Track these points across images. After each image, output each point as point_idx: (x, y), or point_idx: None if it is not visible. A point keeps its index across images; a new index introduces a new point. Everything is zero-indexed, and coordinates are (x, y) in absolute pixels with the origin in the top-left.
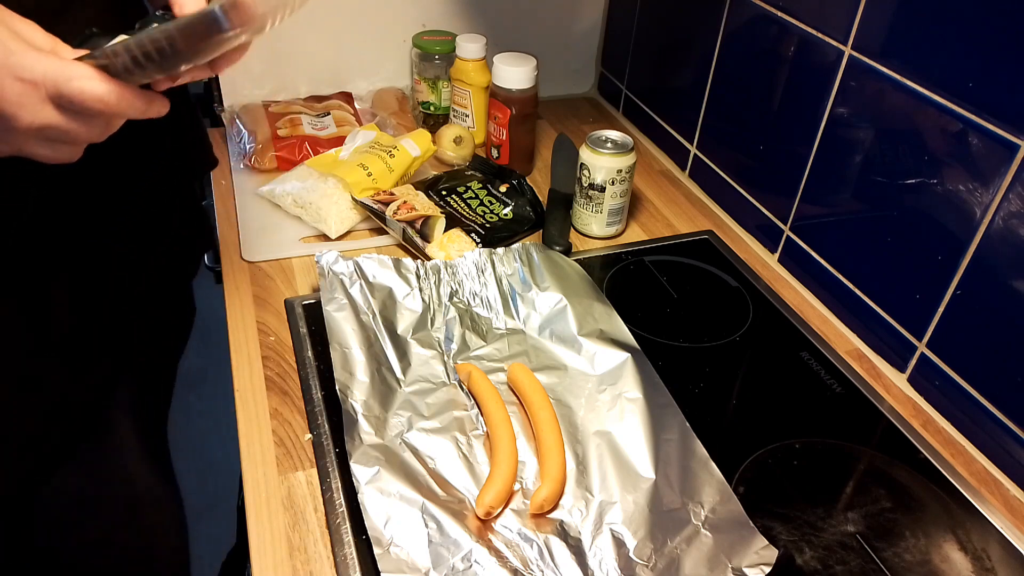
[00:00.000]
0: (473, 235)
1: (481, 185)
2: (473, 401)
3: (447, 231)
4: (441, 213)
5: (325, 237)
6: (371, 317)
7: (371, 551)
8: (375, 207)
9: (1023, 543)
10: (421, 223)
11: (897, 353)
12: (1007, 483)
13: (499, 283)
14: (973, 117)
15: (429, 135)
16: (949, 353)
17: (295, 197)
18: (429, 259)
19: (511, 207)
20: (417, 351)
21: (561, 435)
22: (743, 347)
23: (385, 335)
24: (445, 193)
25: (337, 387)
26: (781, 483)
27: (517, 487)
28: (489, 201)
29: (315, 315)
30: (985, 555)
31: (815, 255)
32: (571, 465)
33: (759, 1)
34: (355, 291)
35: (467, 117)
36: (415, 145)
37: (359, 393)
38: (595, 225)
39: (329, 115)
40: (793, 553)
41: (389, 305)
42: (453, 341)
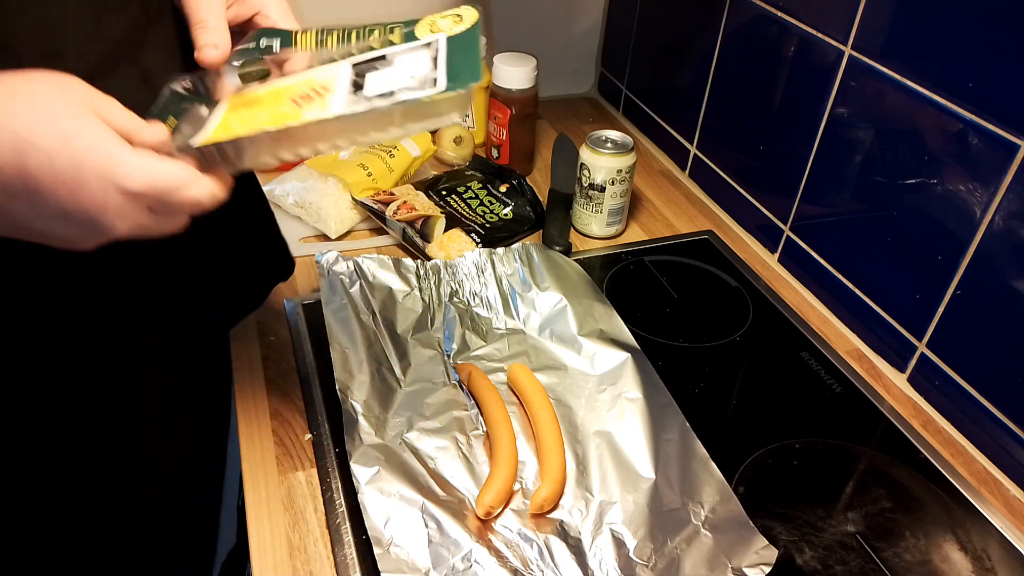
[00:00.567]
0: (473, 235)
1: (481, 185)
2: (473, 401)
3: (447, 231)
4: (441, 213)
5: (325, 237)
6: (371, 317)
7: (371, 551)
8: (375, 207)
9: (1023, 543)
10: (421, 223)
11: (897, 353)
12: (1007, 483)
13: (499, 283)
14: (973, 117)
15: (429, 135)
16: (949, 353)
17: (295, 197)
18: (429, 259)
19: (511, 207)
20: (417, 351)
21: (561, 435)
22: (743, 347)
23: (385, 335)
24: (445, 193)
25: (337, 387)
26: (781, 483)
27: (517, 487)
28: (489, 201)
29: (315, 315)
30: (985, 555)
31: (815, 255)
32: (571, 465)
33: (759, 1)
34: (355, 291)
35: (467, 117)
36: (415, 145)
37: (359, 393)
38: (595, 225)
39: None
40: (793, 553)
41: (389, 305)
42: (453, 341)
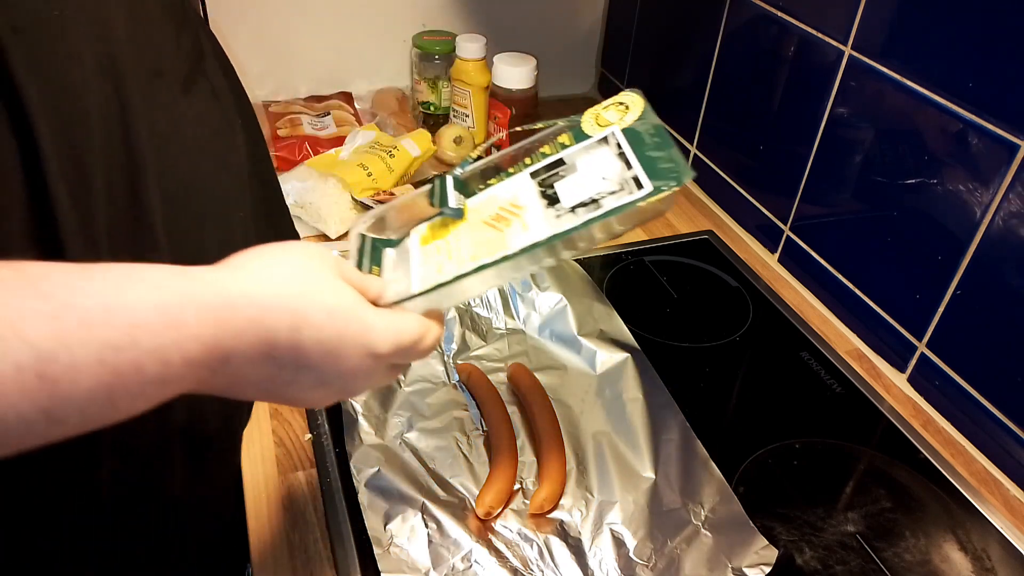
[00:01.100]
0: None
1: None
2: (473, 401)
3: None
4: None
5: (325, 237)
6: None
7: (371, 551)
8: (375, 207)
9: (1023, 543)
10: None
11: (897, 353)
12: (1007, 483)
13: None
14: (973, 117)
15: (429, 135)
16: (949, 353)
17: (295, 197)
18: None
19: None
20: None
21: (561, 435)
22: (743, 347)
23: None
24: None
25: None
26: (781, 483)
27: (517, 487)
28: None
29: None
30: (985, 555)
31: (815, 255)
32: (571, 465)
33: (759, 1)
34: None
35: (467, 117)
36: (415, 145)
37: None
38: None
39: (329, 115)
40: (793, 553)
41: None
42: (453, 341)
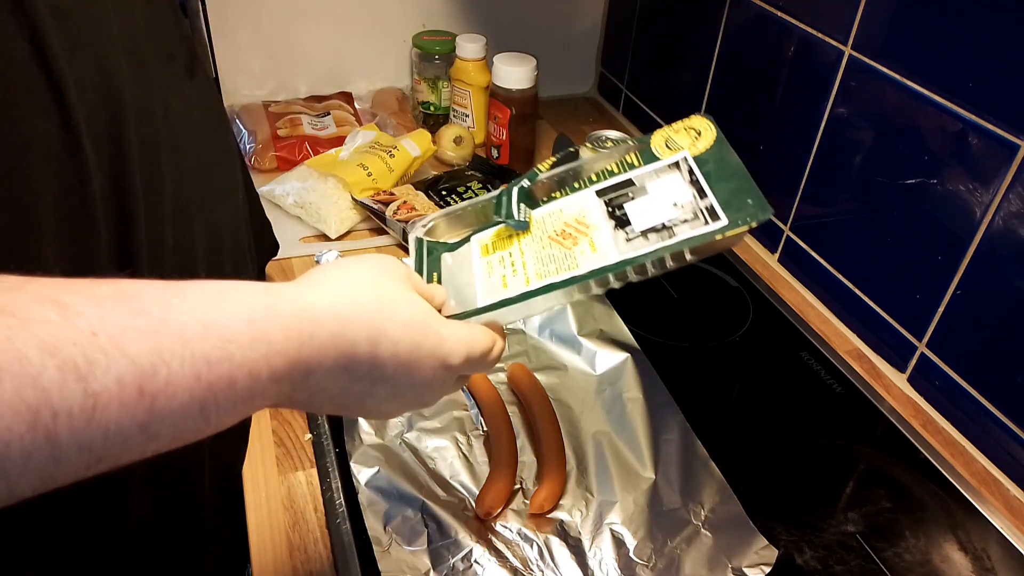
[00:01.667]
0: None
1: (481, 185)
2: (473, 401)
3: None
4: None
5: (325, 237)
6: None
7: (371, 551)
8: (375, 207)
9: (1023, 543)
10: None
11: (897, 353)
12: (1007, 483)
13: None
14: (973, 117)
15: (429, 135)
16: (949, 353)
17: (295, 197)
18: None
19: None
20: None
21: (561, 435)
22: (743, 347)
23: None
24: (445, 193)
25: None
26: (781, 483)
27: (517, 487)
28: None
29: None
30: (985, 555)
31: (815, 255)
32: (571, 465)
33: (759, 1)
34: None
35: (467, 117)
36: (415, 145)
37: None
38: None
39: (329, 115)
40: (793, 553)
41: None
42: None
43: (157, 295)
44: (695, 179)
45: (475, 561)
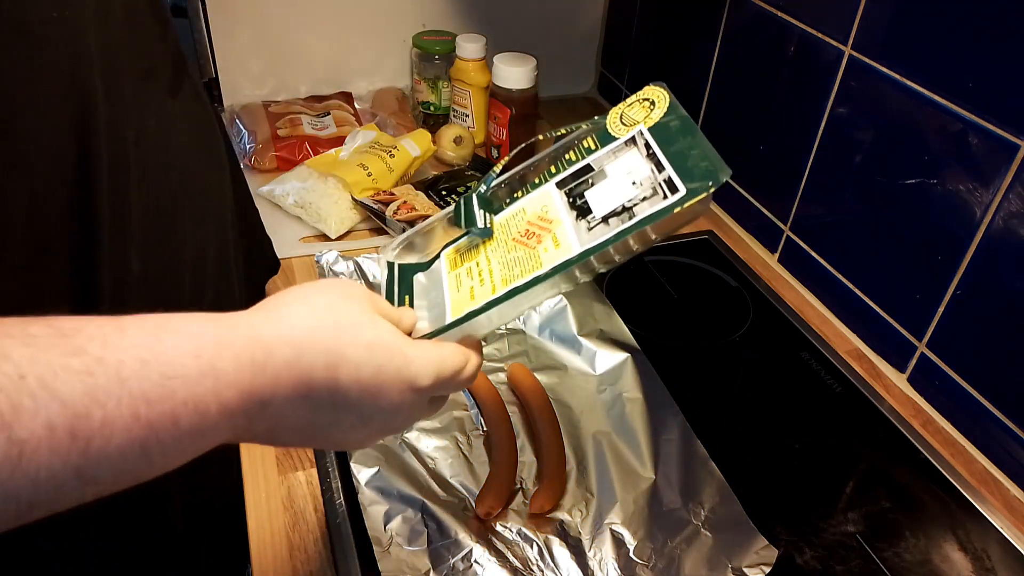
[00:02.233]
0: None
1: None
2: (473, 401)
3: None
4: None
5: (325, 237)
6: None
7: (371, 551)
8: (375, 207)
9: (1023, 543)
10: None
11: (897, 353)
12: (1007, 483)
13: None
14: (973, 117)
15: (429, 135)
16: (949, 353)
17: (295, 197)
18: None
19: None
20: None
21: (561, 435)
22: (743, 347)
23: None
24: (445, 193)
25: None
26: (781, 483)
27: (517, 487)
28: None
29: None
30: (985, 555)
31: (815, 255)
32: (571, 465)
33: (759, 1)
34: None
35: (467, 117)
36: (415, 145)
37: None
38: None
39: (329, 115)
40: (793, 553)
41: None
42: None
43: (96, 331)
44: (652, 152)
45: (475, 561)
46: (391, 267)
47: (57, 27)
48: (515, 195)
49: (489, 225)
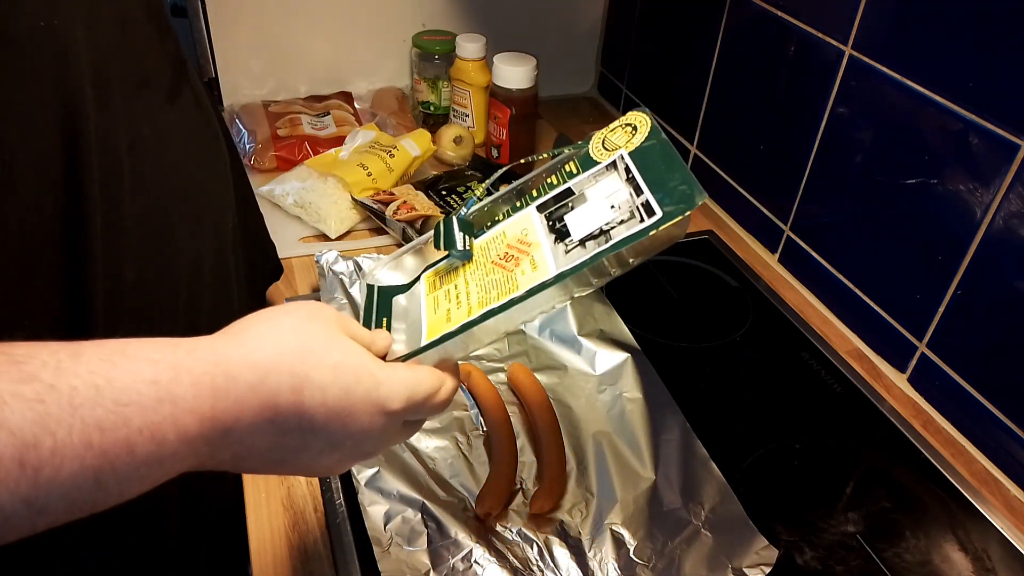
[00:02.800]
0: None
1: (481, 185)
2: (473, 401)
3: None
4: (441, 213)
5: (325, 237)
6: None
7: (371, 551)
8: (375, 207)
9: (1023, 543)
10: (421, 223)
11: (897, 353)
12: (1007, 483)
13: None
14: (973, 117)
15: (429, 135)
16: (949, 353)
17: (295, 197)
18: None
19: None
20: None
21: (561, 435)
22: (743, 347)
23: None
24: (445, 193)
25: None
26: (781, 483)
27: (517, 487)
28: None
29: None
30: (985, 555)
31: (815, 255)
32: (571, 465)
33: (759, 1)
34: (355, 291)
35: (467, 117)
36: (415, 145)
37: None
38: None
39: (329, 115)
40: (793, 553)
41: None
42: None
43: (49, 357)
44: (631, 176)
45: (475, 561)
46: (371, 290)
47: (44, 36)
48: (496, 218)
49: (469, 248)
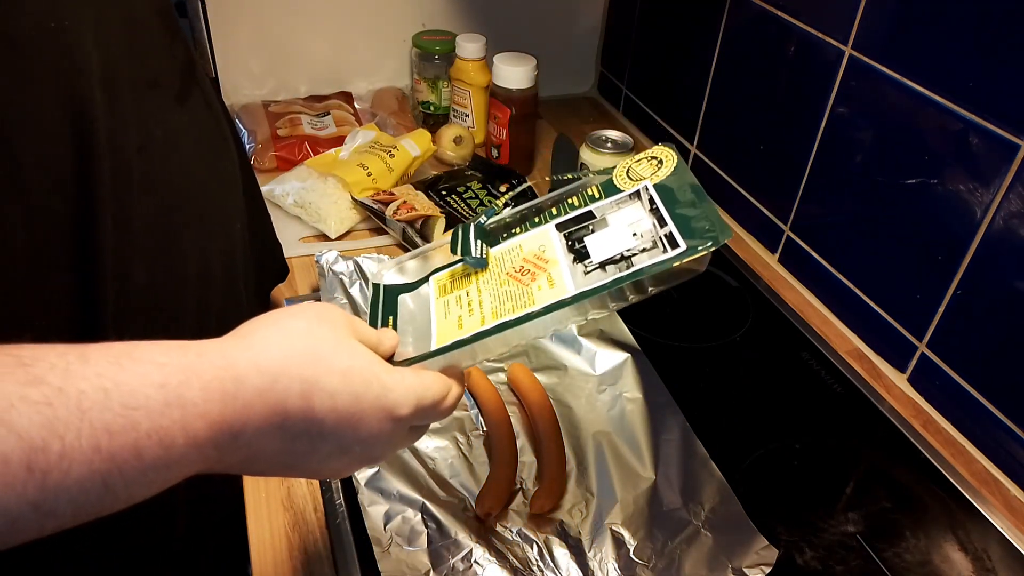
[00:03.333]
0: None
1: (481, 185)
2: (473, 401)
3: (447, 231)
4: (441, 213)
5: (325, 237)
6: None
7: (371, 551)
8: (375, 207)
9: (1023, 543)
10: (421, 223)
11: (897, 353)
12: (1007, 483)
13: None
14: (973, 117)
15: (429, 135)
16: (949, 353)
17: (295, 197)
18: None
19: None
20: None
21: (561, 435)
22: (743, 347)
23: None
24: (445, 193)
25: None
26: (781, 483)
27: (517, 487)
28: (489, 201)
29: None
30: (985, 555)
31: (815, 255)
32: (571, 465)
33: (759, 1)
34: (355, 291)
35: (467, 117)
36: (415, 145)
37: None
38: None
39: (329, 115)
40: (793, 553)
41: None
42: None
43: (57, 360)
44: (655, 207)
45: (475, 561)
46: (376, 288)
47: (52, 37)
48: (514, 231)
49: (485, 256)
